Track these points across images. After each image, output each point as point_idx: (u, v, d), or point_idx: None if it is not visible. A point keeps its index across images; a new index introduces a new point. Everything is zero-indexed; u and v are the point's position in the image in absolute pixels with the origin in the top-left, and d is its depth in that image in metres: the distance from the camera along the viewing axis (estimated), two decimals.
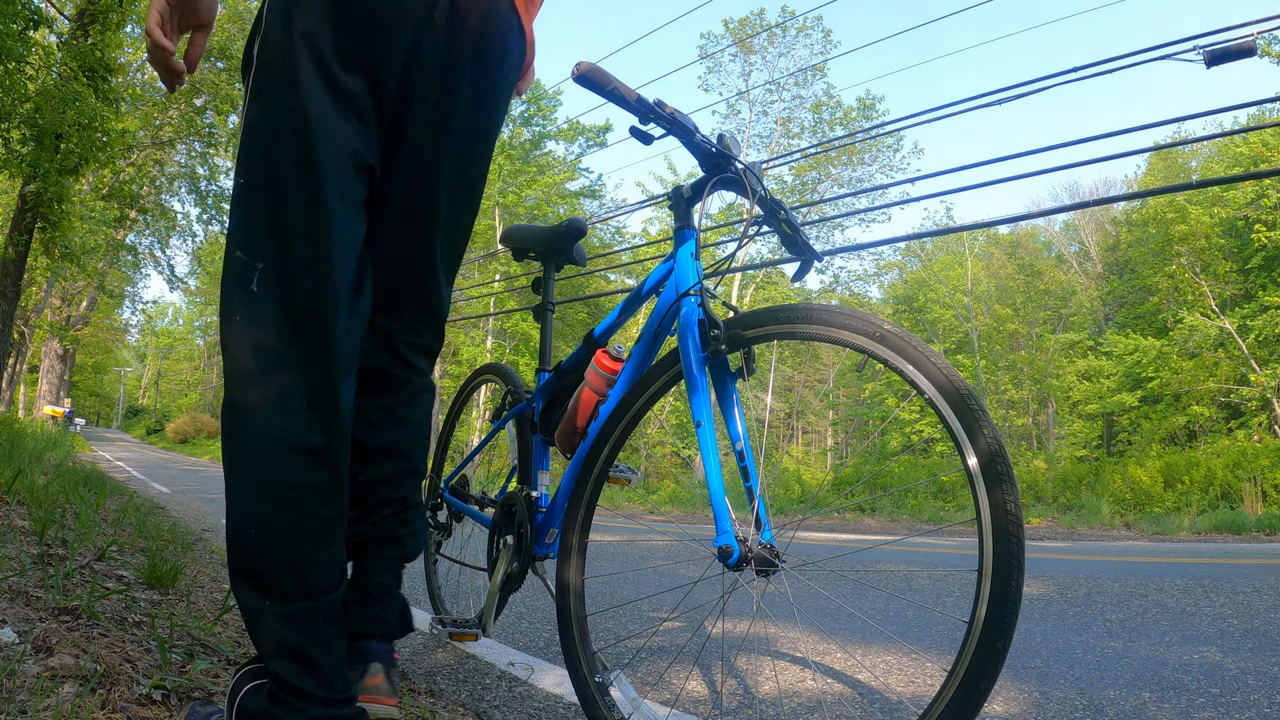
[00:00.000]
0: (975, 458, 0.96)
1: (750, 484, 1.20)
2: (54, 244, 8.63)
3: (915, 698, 1.68)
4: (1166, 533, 7.12)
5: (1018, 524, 0.93)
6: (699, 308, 1.30)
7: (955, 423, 0.98)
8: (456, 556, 2.14)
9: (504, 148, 24.47)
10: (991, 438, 0.95)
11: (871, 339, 1.08)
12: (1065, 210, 33.10)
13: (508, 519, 1.74)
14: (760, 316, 1.24)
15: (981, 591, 0.93)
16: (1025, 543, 0.92)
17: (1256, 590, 3.12)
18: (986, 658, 0.90)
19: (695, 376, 1.26)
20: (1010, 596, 0.90)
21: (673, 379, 1.36)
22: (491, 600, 1.66)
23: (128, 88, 13.76)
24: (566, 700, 1.64)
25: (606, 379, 1.49)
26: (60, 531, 2.52)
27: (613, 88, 1.25)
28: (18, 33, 6.20)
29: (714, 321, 1.26)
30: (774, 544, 1.16)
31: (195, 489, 10.19)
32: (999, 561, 0.92)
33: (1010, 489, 0.93)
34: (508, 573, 1.65)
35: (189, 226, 20.98)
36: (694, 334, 1.28)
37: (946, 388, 1.00)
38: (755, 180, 1.37)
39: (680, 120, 1.31)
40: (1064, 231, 33.01)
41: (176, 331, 63.29)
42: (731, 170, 1.36)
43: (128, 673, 1.19)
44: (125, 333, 45.58)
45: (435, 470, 2.36)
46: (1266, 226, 18.00)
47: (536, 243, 1.96)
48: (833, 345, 1.15)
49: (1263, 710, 1.56)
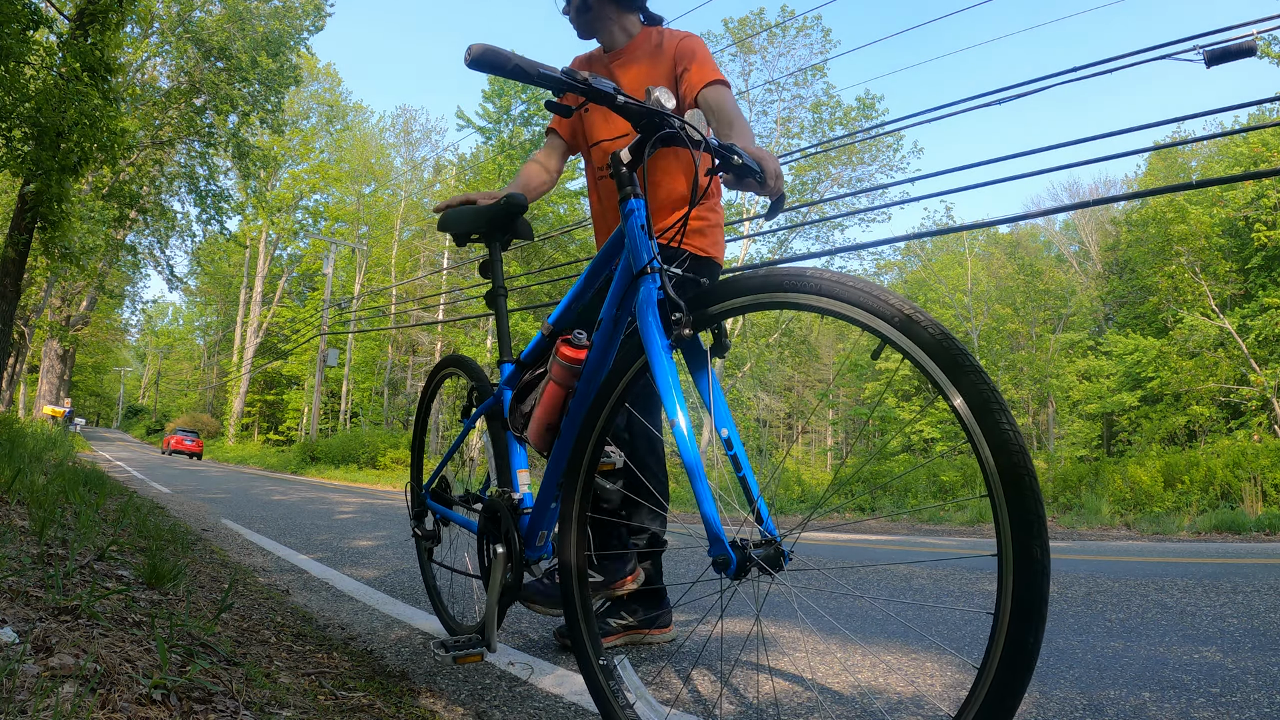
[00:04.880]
0: (960, 398, 0.89)
1: (743, 474, 1.10)
2: (54, 244, 8.63)
3: (915, 697, 1.68)
4: (1166, 533, 7.12)
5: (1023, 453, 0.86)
6: (657, 288, 1.20)
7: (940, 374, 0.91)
8: (446, 557, 2.08)
9: (504, 147, 24.47)
10: (975, 384, 0.89)
11: (891, 323, 0.95)
12: (1065, 210, 33.11)
13: (493, 525, 1.65)
14: (731, 286, 1.12)
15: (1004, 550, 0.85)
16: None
17: (1256, 590, 3.12)
18: (1024, 602, 0.82)
19: (661, 367, 1.14)
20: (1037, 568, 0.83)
21: (640, 371, 1.25)
22: (491, 613, 1.57)
23: (128, 88, 13.75)
24: (567, 700, 1.64)
25: (571, 370, 1.41)
26: (60, 531, 2.52)
27: (514, 65, 1.17)
28: (18, 32, 6.20)
29: (674, 302, 1.16)
30: (776, 535, 1.07)
31: (195, 489, 10.19)
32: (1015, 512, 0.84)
33: (1005, 416, 0.87)
34: (504, 585, 1.57)
35: (189, 226, 20.97)
36: (655, 317, 1.17)
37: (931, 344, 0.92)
38: (696, 130, 1.25)
39: (596, 85, 1.21)
40: (1064, 231, 33.03)
41: (176, 331, 63.32)
42: (668, 126, 1.25)
43: (128, 673, 1.19)
44: (125, 333, 45.63)
45: (414, 478, 2.27)
46: (1266, 226, 18.00)
47: (476, 224, 1.87)
48: (818, 315, 1.05)
49: (1263, 710, 1.56)
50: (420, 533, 2.10)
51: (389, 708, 1.44)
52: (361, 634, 2.24)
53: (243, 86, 16.01)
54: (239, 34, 15.54)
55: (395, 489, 15.41)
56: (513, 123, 25.05)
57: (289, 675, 1.52)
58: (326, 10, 17.06)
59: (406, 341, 31.52)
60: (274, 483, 14.45)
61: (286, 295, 40.63)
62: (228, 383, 43.22)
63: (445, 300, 25.27)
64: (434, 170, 33.03)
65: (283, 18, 16.37)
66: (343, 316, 29.72)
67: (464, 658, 1.56)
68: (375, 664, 1.84)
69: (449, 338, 27.06)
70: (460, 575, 2.22)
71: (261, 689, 1.33)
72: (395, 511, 7.89)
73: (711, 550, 1.07)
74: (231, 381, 41.05)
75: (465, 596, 2.51)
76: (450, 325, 26.08)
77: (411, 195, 33.71)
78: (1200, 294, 18.55)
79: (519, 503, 1.61)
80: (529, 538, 1.58)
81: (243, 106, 16.19)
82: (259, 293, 38.64)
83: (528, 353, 1.63)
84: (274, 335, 39.48)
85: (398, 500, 10.60)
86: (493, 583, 1.58)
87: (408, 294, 30.09)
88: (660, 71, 1.98)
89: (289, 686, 1.42)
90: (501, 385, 1.71)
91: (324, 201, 35.97)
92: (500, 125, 25.20)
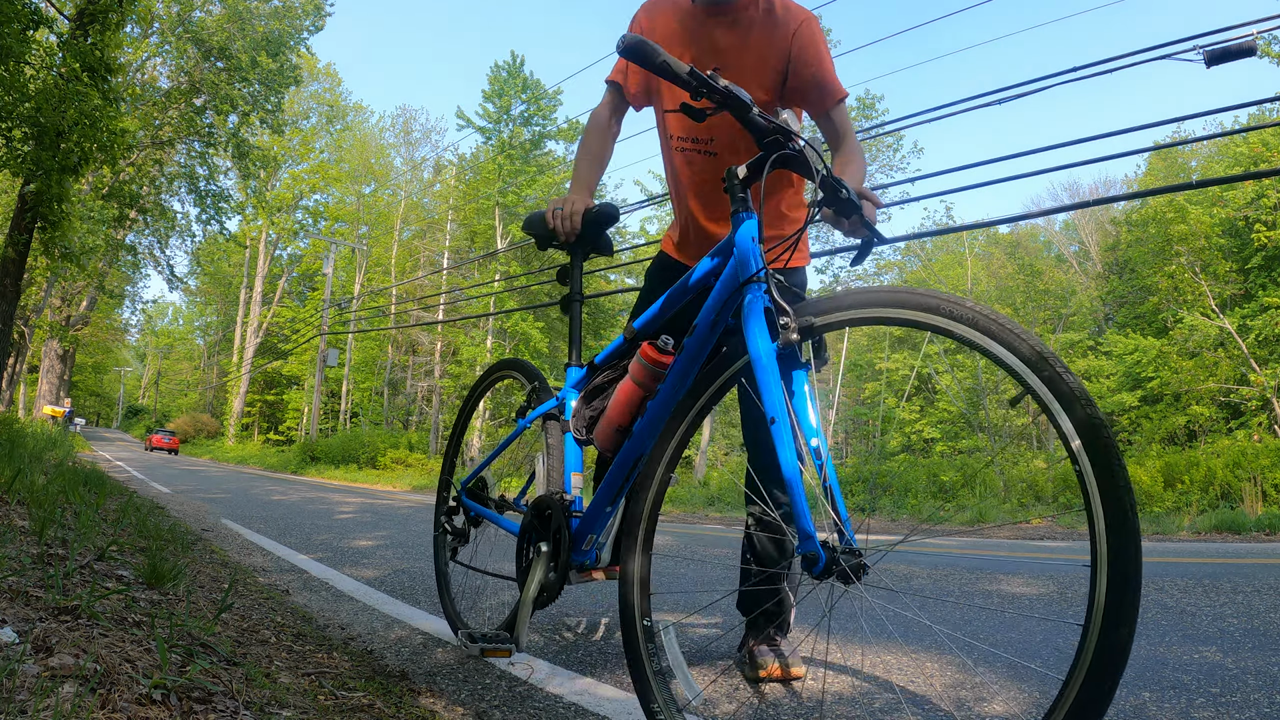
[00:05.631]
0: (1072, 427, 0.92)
1: (829, 483, 1.11)
2: (54, 244, 8.63)
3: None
4: (1166, 533, 7.12)
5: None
6: (765, 295, 1.22)
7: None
8: (466, 558, 2.05)
9: (504, 147, 24.46)
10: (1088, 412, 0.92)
11: (993, 337, 0.99)
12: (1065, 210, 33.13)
13: (542, 524, 1.63)
14: (835, 301, 1.15)
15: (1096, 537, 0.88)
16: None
17: (1256, 590, 3.12)
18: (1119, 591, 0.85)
19: (765, 368, 1.17)
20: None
21: (738, 374, 1.28)
22: (525, 612, 1.55)
23: (128, 88, 13.75)
24: (567, 700, 1.64)
25: (653, 372, 1.42)
26: (60, 531, 2.52)
27: (661, 60, 1.20)
28: (18, 32, 6.20)
29: (782, 308, 1.18)
30: (858, 547, 1.08)
31: (195, 489, 10.19)
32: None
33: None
34: (543, 582, 1.55)
35: (189, 226, 20.97)
36: (761, 322, 1.20)
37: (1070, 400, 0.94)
38: (817, 157, 1.27)
39: (735, 94, 1.22)
40: (1064, 231, 33.03)
41: (176, 331, 63.35)
42: (791, 147, 1.26)
43: (128, 673, 1.19)
44: (125, 333, 45.66)
45: (447, 470, 2.24)
46: (1266, 226, 18.00)
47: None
48: (930, 332, 1.06)
49: (1263, 710, 1.56)
50: (450, 529, 2.06)
51: (389, 708, 1.43)
52: (361, 634, 2.24)
53: (243, 86, 16.01)
54: (239, 34, 15.54)
55: (395, 489, 15.40)
56: (513, 123, 25.05)
57: (289, 675, 1.52)
58: (326, 10, 17.06)
59: (406, 341, 31.51)
60: (274, 483, 14.45)
61: (286, 295, 40.63)
62: (228, 383, 43.23)
63: (445, 300, 25.26)
64: (434, 170, 33.05)
65: (283, 18, 16.37)
66: (343, 316, 29.72)
67: (493, 651, 1.56)
68: (375, 664, 1.84)
69: (449, 337, 27.05)
70: (459, 577, 2.22)
71: (261, 689, 1.33)
72: (395, 511, 7.90)
73: (801, 547, 1.09)
74: (231, 381, 41.06)
75: (465, 597, 2.51)
76: (450, 325, 26.08)
77: (411, 195, 33.71)
78: (1200, 294, 18.55)
79: (570, 503, 1.61)
80: (576, 540, 1.56)
81: (243, 106, 16.19)
82: (259, 293, 38.64)
83: (603, 356, 1.62)
84: (274, 335, 39.47)
85: (398, 500, 10.60)
86: (531, 581, 1.56)
87: (408, 294, 30.09)
88: (773, 53, 1.71)
89: (289, 686, 1.42)
90: (568, 387, 1.70)
91: (324, 201, 35.98)
92: (500, 125, 25.20)
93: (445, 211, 29.28)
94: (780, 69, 1.71)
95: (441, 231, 29.64)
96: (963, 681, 1.80)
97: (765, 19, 1.70)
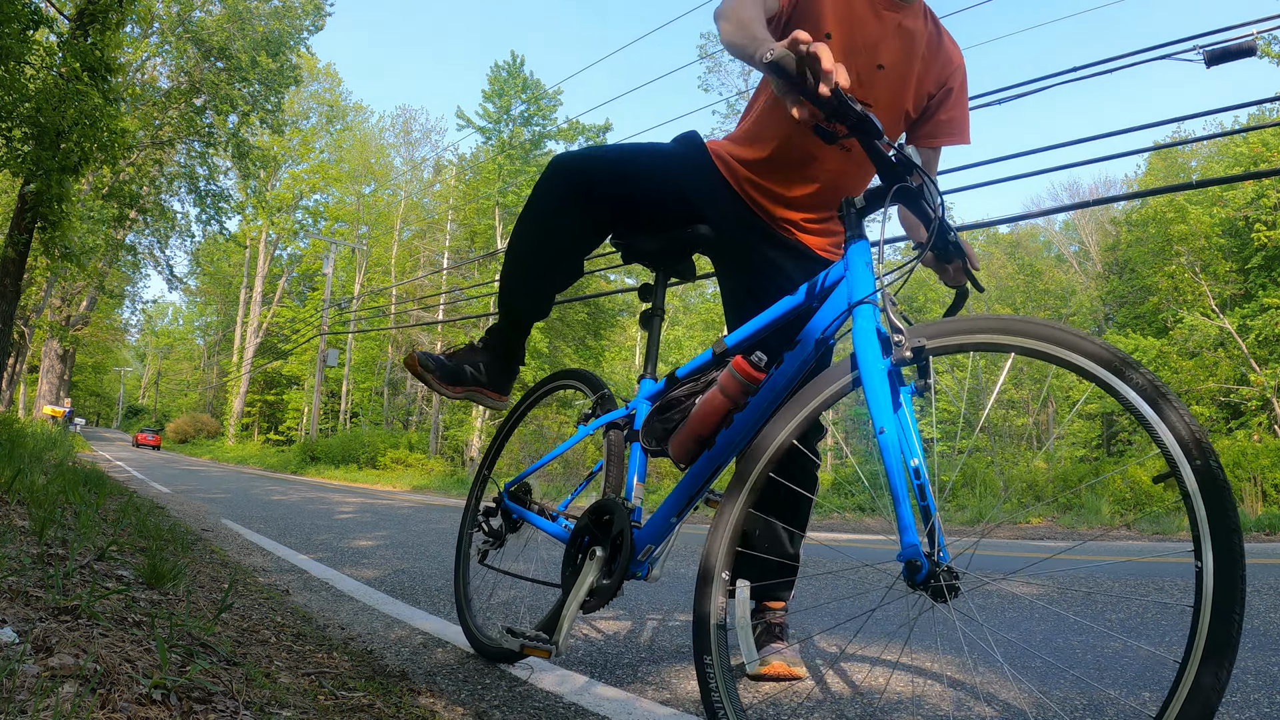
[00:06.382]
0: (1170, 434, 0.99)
1: (926, 503, 1.13)
2: (54, 244, 8.63)
3: None
4: (1166, 533, 7.12)
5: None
6: (876, 315, 1.24)
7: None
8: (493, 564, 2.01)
9: (504, 147, 24.47)
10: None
11: (1108, 368, 1.01)
12: (1065, 210, 33.14)
13: (601, 527, 1.61)
14: (949, 325, 1.17)
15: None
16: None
17: (1256, 590, 3.12)
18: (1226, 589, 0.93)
19: (875, 383, 1.20)
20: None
21: (840, 391, 1.28)
22: (570, 614, 1.53)
23: (128, 88, 13.75)
24: (567, 700, 1.64)
25: (743, 386, 1.41)
26: (60, 531, 2.52)
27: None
28: (18, 32, 6.21)
29: (895, 327, 1.19)
30: (954, 567, 1.10)
31: (195, 489, 10.19)
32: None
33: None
34: (594, 587, 1.54)
35: (188, 226, 20.98)
36: (873, 339, 1.22)
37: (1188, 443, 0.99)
38: (936, 195, 1.27)
39: (869, 118, 1.20)
40: (1064, 231, 33.02)
41: (176, 331, 63.36)
42: (911, 182, 1.26)
43: (128, 673, 1.19)
44: (125, 333, 45.66)
45: (487, 466, 2.21)
46: (1266, 226, 18.01)
47: (649, 243, 1.81)
48: (1053, 365, 1.09)
49: (1262, 710, 1.56)
50: (486, 530, 2.03)
51: (389, 708, 1.44)
52: (361, 634, 2.24)
53: (243, 86, 16.02)
54: (239, 34, 15.55)
55: (395, 489, 15.41)
56: (513, 123, 25.06)
57: (289, 675, 1.52)
58: (326, 10, 17.08)
59: (406, 341, 31.51)
60: (274, 483, 14.45)
61: (286, 295, 40.64)
62: (228, 383, 43.23)
63: (445, 300, 25.27)
64: (434, 170, 33.06)
65: (282, 18, 16.38)
66: (343, 316, 29.73)
67: (532, 648, 1.55)
68: (375, 664, 1.84)
69: (449, 337, 27.05)
70: (486, 585, 2.22)
71: (261, 689, 1.33)
72: (395, 512, 7.90)
73: (903, 554, 1.10)
74: (231, 381, 41.06)
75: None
76: (450, 325, 26.09)
77: (411, 195, 33.72)
78: (1200, 294, 18.56)
79: (633, 510, 1.60)
80: (635, 548, 1.55)
81: (243, 106, 16.20)
82: (259, 293, 38.64)
83: (686, 370, 1.62)
84: (274, 335, 39.48)
85: (398, 500, 10.60)
86: (581, 584, 1.55)
87: (408, 294, 30.09)
88: (931, 77, 1.71)
89: (289, 686, 1.42)
90: (640, 397, 1.71)
91: (324, 201, 35.98)
92: (500, 125, 25.21)
93: (445, 211, 29.30)
94: (934, 94, 1.73)
95: (441, 231, 29.66)
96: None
97: (932, 39, 1.70)
